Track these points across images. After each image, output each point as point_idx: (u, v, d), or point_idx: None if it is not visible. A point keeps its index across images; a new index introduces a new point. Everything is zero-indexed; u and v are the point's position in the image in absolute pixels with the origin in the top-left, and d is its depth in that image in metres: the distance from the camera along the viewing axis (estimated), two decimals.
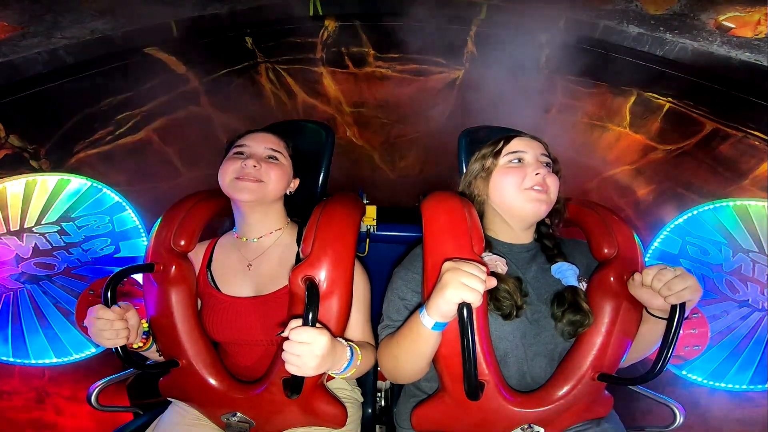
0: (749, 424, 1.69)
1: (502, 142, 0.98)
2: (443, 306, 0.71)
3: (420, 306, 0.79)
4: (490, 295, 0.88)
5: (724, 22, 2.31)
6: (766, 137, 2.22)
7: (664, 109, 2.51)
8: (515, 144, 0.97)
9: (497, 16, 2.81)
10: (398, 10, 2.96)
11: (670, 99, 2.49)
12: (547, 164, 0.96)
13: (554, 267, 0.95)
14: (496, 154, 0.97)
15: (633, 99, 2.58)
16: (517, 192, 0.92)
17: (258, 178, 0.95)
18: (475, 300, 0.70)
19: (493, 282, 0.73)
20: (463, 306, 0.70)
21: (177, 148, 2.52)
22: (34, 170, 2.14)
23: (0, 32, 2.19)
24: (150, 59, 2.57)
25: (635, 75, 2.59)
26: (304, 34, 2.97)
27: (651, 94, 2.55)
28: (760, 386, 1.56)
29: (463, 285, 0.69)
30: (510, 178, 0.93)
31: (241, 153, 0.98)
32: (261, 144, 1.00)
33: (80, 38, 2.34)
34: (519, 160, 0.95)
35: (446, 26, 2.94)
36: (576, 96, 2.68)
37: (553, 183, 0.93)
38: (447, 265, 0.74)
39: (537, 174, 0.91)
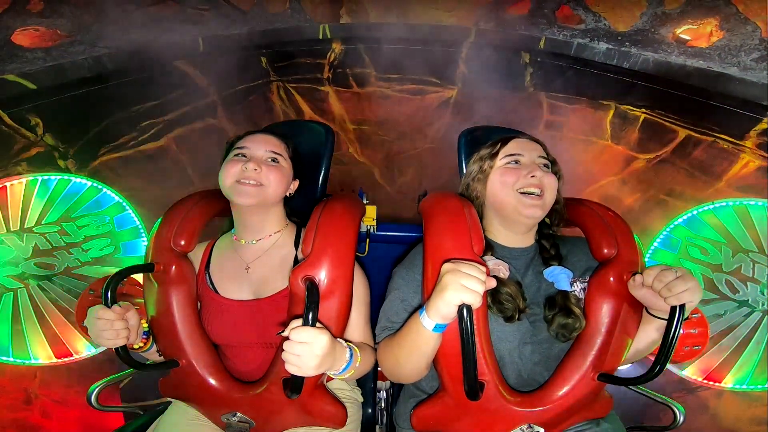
0: (761, 423, 1.56)
1: (499, 144, 0.90)
2: (443, 308, 0.64)
3: (420, 307, 0.71)
4: (493, 298, 0.80)
5: (681, 35, 2.36)
6: (733, 140, 2.19)
7: (640, 120, 2.48)
8: (512, 146, 0.88)
9: (485, 38, 2.80)
10: (396, 34, 2.94)
11: (643, 110, 2.48)
12: (546, 165, 0.88)
13: (547, 271, 0.86)
14: (494, 156, 0.89)
15: (612, 112, 2.55)
16: (512, 194, 0.84)
17: (258, 182, 0.85)
18: (475, 301, 0.63)
19: (492, 283, 0.66)
20: (463, 307, 0.63)
21: (192, 158, 2.47)
22: (60, 169, 2.09)
23: (50, 39, 2.20)
24: (178, 71, 2.54)
25: (609, 88, 2.59)
26: (313, 55, 2.95)
27: (627, 106, 2.52)
28: (760, 386, 1.44)
29: (463, 287, 0.62)
30: (506, 179, 0.85)
31: (242, 155, 0.89)
32: (262, 146, 0.90)
33: (120, 48, 2.34)
34: (516, 162, 0.87)
35: (440, 48, 2.93)
36: (560, 112, 2.65)
37: (550, 183, 0.84)
38: (446, 266, 0.66)
39: (533, 176, 0.83)
